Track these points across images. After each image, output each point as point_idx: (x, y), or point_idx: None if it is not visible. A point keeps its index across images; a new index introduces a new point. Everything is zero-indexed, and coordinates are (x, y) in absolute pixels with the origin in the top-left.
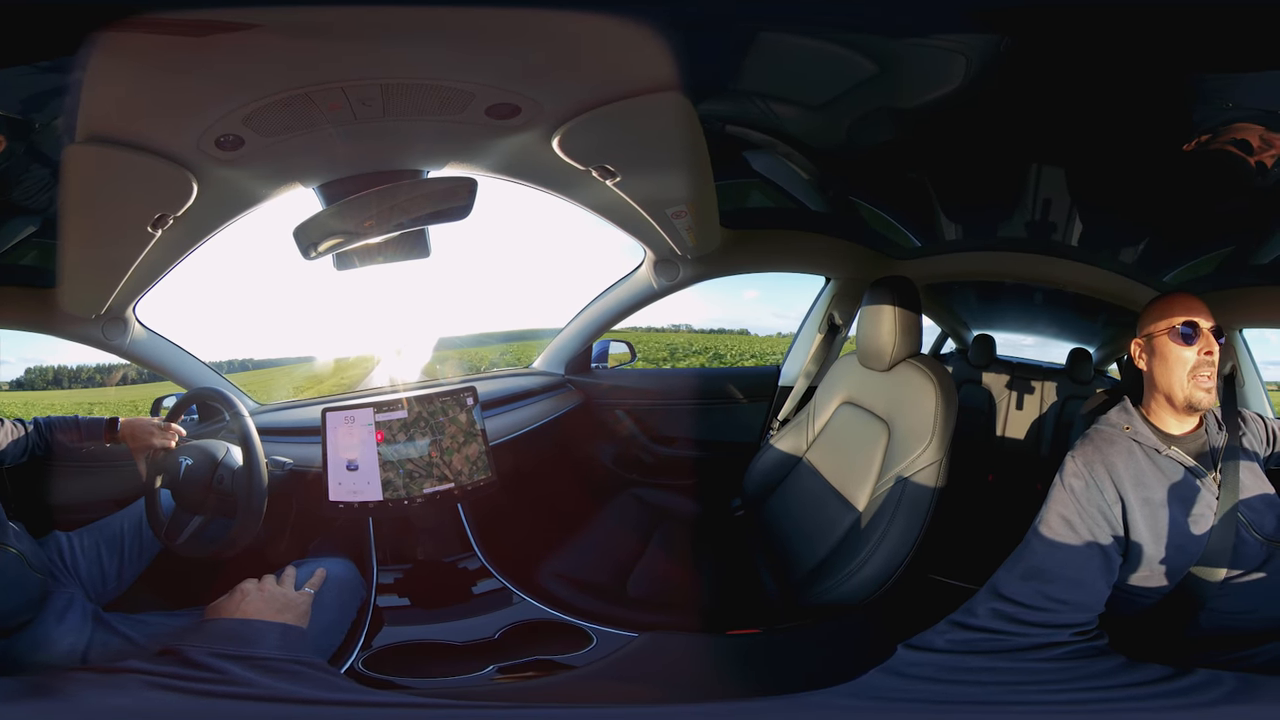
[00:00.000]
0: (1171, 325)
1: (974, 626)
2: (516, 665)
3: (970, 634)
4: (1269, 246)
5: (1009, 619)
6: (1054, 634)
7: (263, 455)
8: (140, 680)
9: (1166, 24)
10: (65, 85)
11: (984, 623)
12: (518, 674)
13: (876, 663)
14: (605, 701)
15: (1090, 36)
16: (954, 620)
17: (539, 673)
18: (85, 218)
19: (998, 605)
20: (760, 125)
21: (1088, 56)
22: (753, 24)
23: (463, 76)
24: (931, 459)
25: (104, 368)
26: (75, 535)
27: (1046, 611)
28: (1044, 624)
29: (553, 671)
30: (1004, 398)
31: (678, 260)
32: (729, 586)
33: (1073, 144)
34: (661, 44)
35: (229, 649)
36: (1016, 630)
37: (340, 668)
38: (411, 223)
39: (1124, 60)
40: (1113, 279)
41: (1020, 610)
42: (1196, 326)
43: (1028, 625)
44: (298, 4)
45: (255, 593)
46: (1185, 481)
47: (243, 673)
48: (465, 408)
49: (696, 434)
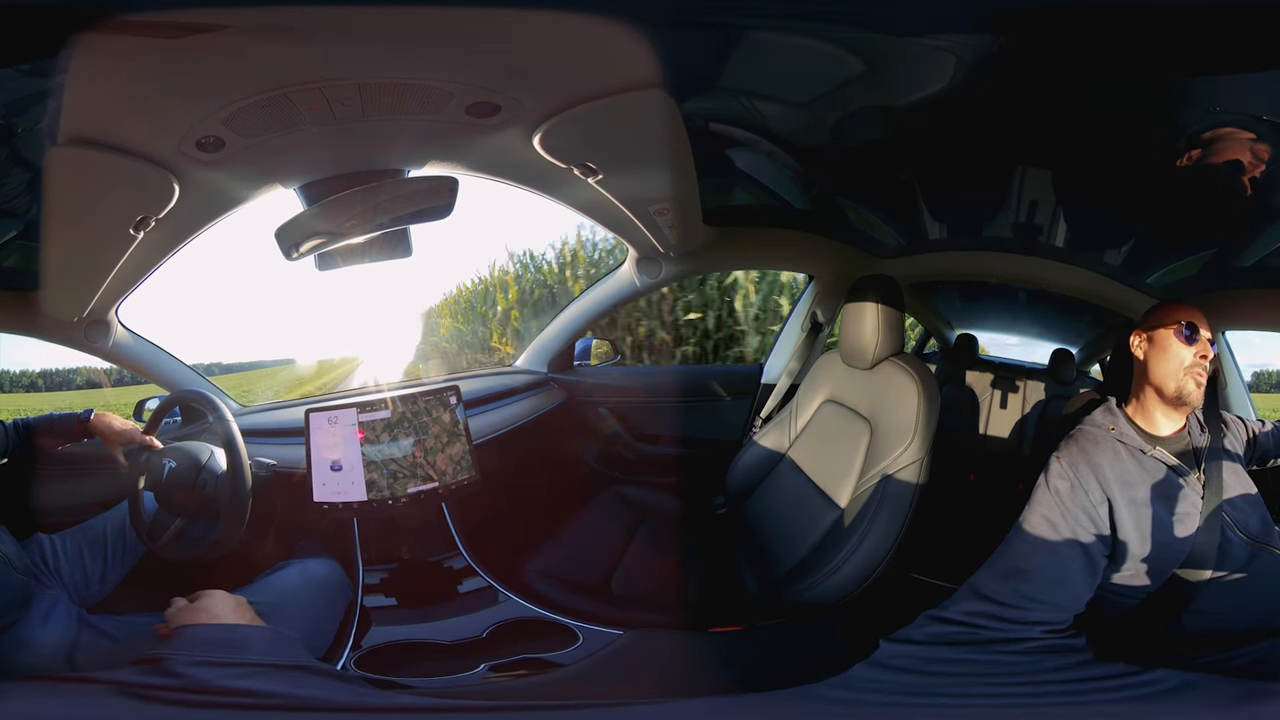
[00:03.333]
0: (1178, 323)
1: (950, 620)
2: (508, 664)
3: (946, 627)
4: (1252, 249)
5: (984, 615)
6: (1026, 629)
7: (246, 457)
8: (114, 690)
9: (1155, 26)
10: (47, 88)
11: (959, 617)
12: (510, 672)
13: (860, 659)
14: (603, 701)
15: (1078, 38)
16: (931, 614)
17: (531, 671)
18: (67, 220)
19: (975, 604)
20: (743, 123)
21: (1075, 58)
22: (736, 22)
23: (441, 75)
24: (913, 457)
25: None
26: (58, 537)
27: (1022, 609)
28: (1018, 620)
29: (544, 670)
30: (987, 397)
31: (660, 258)
32: (712, 584)
33: (1058, 145)
34: (642, 42)
35: (216, 656)
36: (990, 625)
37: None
38: (393, 222)
39: (1111, 62)
40: (1097, 280)
41: (996, 608)
42: (1198, 330)
43: (1003, 621)
44: (275, 5)
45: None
46: (1170, 482)
47: (239, 683)
48: (448, 407)
49: (679, 431)
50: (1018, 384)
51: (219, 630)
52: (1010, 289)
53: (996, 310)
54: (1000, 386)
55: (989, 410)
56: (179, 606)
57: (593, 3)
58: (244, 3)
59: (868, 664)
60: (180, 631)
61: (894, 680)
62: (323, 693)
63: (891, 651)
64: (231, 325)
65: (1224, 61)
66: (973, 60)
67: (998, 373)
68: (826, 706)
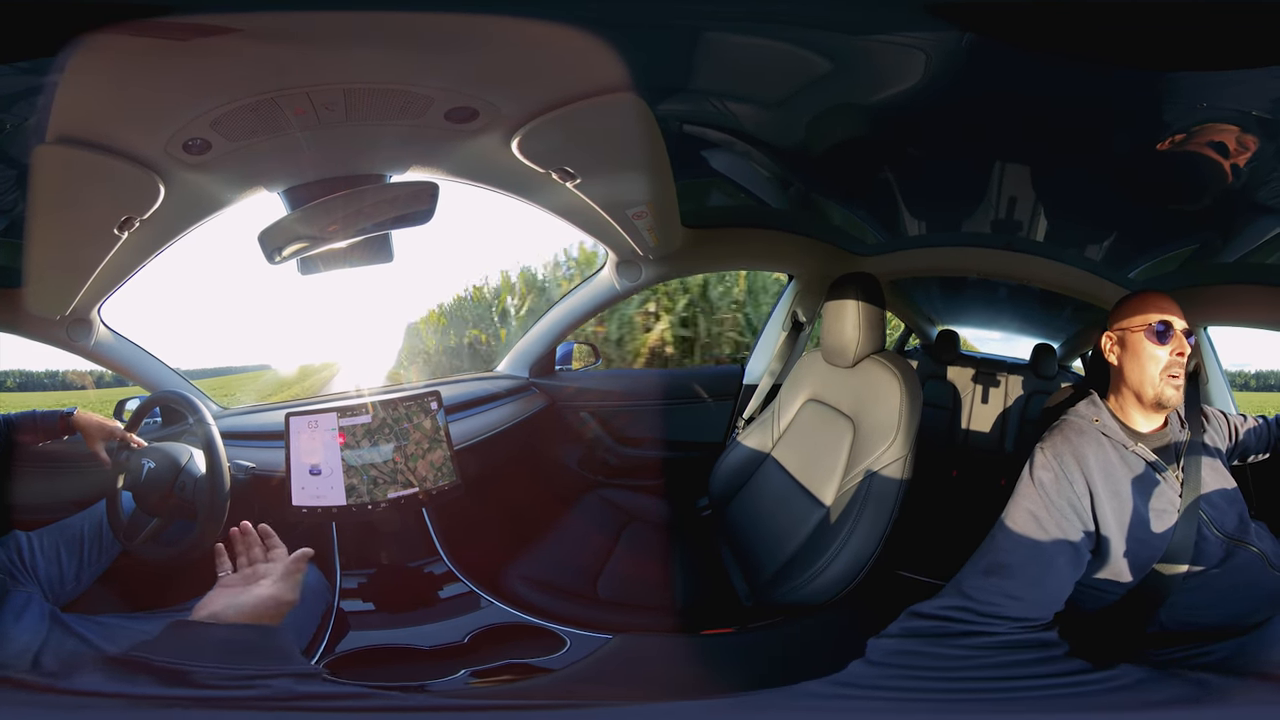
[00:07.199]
0: (1147, 323)
1: (926, 614)
2: (490, 669)
3: (921, 622)
4: (1233, 245)
5: (960, 609)
6: (993, 624)
7: (226, 460)
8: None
9: (1137, 20)
10: (36, 86)
11: (935, 612)
12: (491, 677)
13: (851, 658)
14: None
15: (1058, 32)
16: (912, 610)
17: (515, 676)
18: (52, 218)
19: (953, 599)
20: (719, 124)
21: (1055, 52)
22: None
23: (422, 81)
24: (897, 455)
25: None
26: (35, 535)
27: (996, 605)
28: (989, 615)
29: (529, 675)
30: (968, 393)
31: (640, 261)
32: (698, 586)
33: (1039, 140)
34: (617, 46)
35: None
36: (962, 618)
37: None
38: (375, 227)
39: (1093, 56)
40: (1078, 275)
41: (973, 603)
42: (1171, 326)
43: (975, 615)
44: (267, 9)
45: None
46: (1149, 477)
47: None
48: (429, 412)
49: (662, 434)
50: (999, 379)
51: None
52: (991, 284)
53: (977, 305)
54: (981, 382)
55: (971, 406)
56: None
57: (554, 7)
58: (237, 7)
59: (862, 663)
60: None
61: (874, 674)
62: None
63: (878, 646)
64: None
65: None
66: (943, 56)
67: (979, 368)
68: (817, 703)
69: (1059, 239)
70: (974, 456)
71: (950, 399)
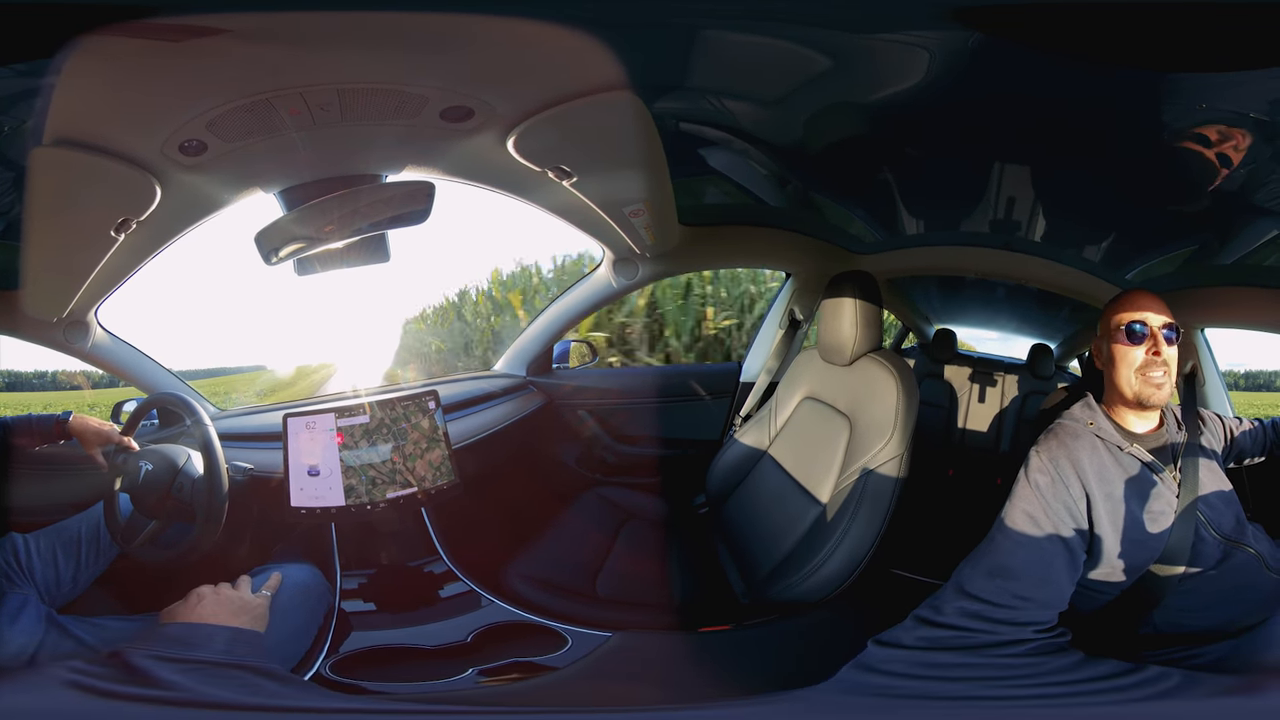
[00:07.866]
0: (1120, 324)
1: (941, 624)
2: (497, 668)
3: (938, 631)
4: (1231, 247)
5: (975, 616)
6: (1019, 631)
7: (224, 462)
8: (61, 680)
9: (1138, 23)
10: (33, 88)
11: (951, 620)
12: (499, 676)
13: (847, 658)
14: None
15: (1062, 33)
16: (921, 617)
17: (521, 675)
18: (48, 220)
19: (964, 604)
20: (716, 122)
21: (1055, 53)
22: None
23: (416, 80)
24: (893, 453)
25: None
26: (32, 537)
27: (1012, 609)
28: (1010, 621)
29: (535, 673)
30: (965, 392)
31: (637, 259)
32: (696, 584)
33: (1039, 141)
34: (613, 44)
35: (170, 652)
36: (983, 628)
37: (307, 673)
38: (371, 227)
39: (1092, 58)
40: (1076, 275)
41: (986, 608)
42: (1145, 325)
43: (994, 623)
44: (250, 9)
45: (210, 597)
46: (1146, 479)
47: (171, 676)
48: (427, 412)
49: (659, 432)
50: (996, 379)
51: (183, 628)
52: (989, 284)
53: (975, 305)
54: (978, 381)
55: (967, 405)
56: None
57: (551, 7)
58: (221, 8)
59: (858, 667)
60: (154, 628)
61: (888, 684)
62: (245, 695)
63: (883, 655)
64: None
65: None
66: (946, 55)
67: (976, 367)
68: (821, 712)
69: (1057, 239)
70: (970, 456)
71: (947, 398)
